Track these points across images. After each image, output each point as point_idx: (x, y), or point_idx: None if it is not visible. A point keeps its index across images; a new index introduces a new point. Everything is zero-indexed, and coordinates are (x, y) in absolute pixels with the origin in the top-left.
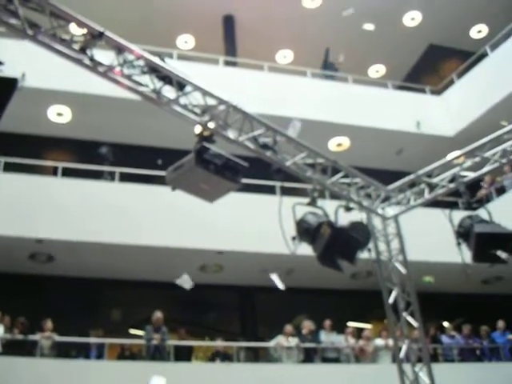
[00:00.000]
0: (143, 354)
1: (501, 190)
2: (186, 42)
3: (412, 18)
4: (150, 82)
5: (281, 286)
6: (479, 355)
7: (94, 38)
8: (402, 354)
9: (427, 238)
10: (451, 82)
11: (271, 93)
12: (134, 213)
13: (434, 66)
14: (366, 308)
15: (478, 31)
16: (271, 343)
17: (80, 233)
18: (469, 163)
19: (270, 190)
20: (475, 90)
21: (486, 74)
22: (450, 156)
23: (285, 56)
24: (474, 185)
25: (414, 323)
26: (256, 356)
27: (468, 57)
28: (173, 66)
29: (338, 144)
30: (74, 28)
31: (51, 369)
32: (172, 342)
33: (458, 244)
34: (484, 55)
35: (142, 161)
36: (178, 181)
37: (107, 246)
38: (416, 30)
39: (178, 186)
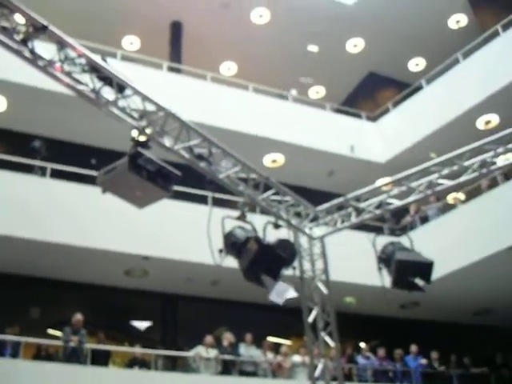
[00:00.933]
0: (59, 356)
1: (424, 219)
2: (131, 43)
3: (355, 45)
4: (89, 82)
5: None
6: (392, 377)
7: (37, 30)
8: (317, 372)
9: (351, 260)
10: (387, 110)
11: (212, 103)
12: (61, 210)
13: (371, 93)
14: (286, 324)
15: (416, 64)
16: (190, 353)
17: (1, 227)
18: (396, 191)
19: (201, 200)
20: (408, 120)
21: (420, 106)
22: (379, 182)
23: (229, 68)
24: (400, 212)
25: (331, 343)
26: (174, 365)
27: (404, 87)
28: (115, 67)
29: (272, 160)
30: (17, 18)
31: None
32: (90, 346)
33: (379, 269)
34: (419, 88)
35: (75, 158)
36: (110, 184)
37: (29, 241)
38: (358, 56)
39: (108, 188)
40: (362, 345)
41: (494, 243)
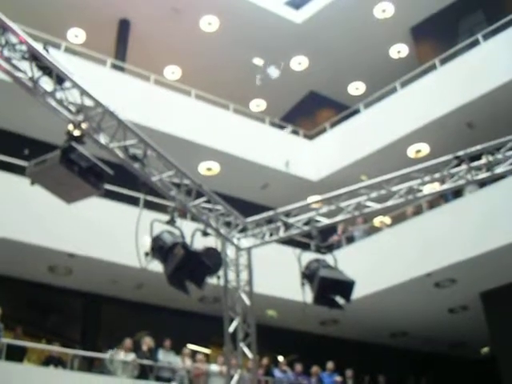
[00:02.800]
0: None
1: (350, 240)
2: (76, 35)
3: (299, 63)
4: (28, 70)
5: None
6: None
7: None
8: (233, 383)
9: (276, 273)
10: (323, 130)
11: (152, 105)
12: None
13: (310, 111)
14: (208, 332)
15: (356, 88)
16: (107, 355)
17: None
18: (325, 210)
19: (132, 201)
20: (344, 142)
21: (356, 129)
22: (310, 199)
23: (173, 72)
24: (328, 230)
25: (250, 354)
26: (90, 366)
27: (343, 109)
28: (57, 58)
29: (208, 168)
30: None
31: None
32: (5, 340)
33: (302, 284)
34: (357, 111)
35: (6, 147)
36: (39, 176)
37: None
38: (301, 74)
39: (37, 180)
40: (280, 358)
41: (414, 269)
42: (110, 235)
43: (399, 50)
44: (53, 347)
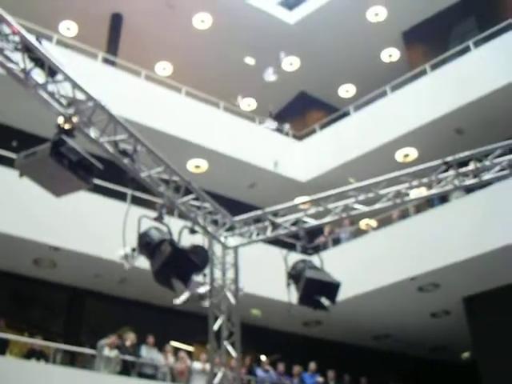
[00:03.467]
0: None
1: (336, 241)
2: (68, 28)
3: (291, 63)
4: (21, 61)
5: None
6: None
7: None
8: (216, 381)
9: (262, 273)
10: (313, 131)
11: (142, 101)
12: None
13: (301, 112)
14: (191, 330)
15: (346, 90)
16: (92, 350)
17: None
18: (312, 211)
19: (120, 196)
20: (333, 143)
21: (345, 131)
22: (298, 200)
23: (164, 68)
24: (314, 231)
25: (233, 353)
26: (73, 360)
27: (333, 111)
28: (49, 50)
29: (196, 166)
30: None
31: None
32: None
33: (288, 285)
34: (347, 114)
35: None
36: (28, 168)
37: None
38: (292, 74)
39: (26, 173)
40: (263, 358)
41: (399, 272)
42: (96, 229)
43: (390, 54)
44: (35, 340)
